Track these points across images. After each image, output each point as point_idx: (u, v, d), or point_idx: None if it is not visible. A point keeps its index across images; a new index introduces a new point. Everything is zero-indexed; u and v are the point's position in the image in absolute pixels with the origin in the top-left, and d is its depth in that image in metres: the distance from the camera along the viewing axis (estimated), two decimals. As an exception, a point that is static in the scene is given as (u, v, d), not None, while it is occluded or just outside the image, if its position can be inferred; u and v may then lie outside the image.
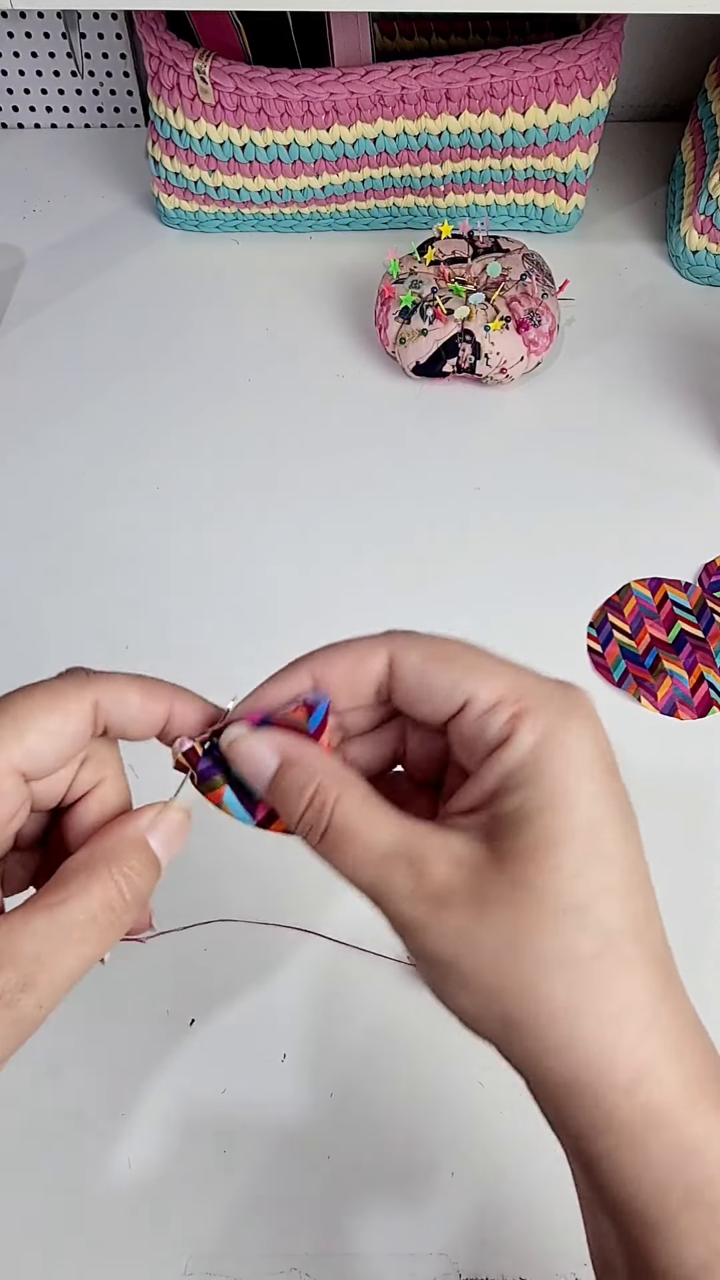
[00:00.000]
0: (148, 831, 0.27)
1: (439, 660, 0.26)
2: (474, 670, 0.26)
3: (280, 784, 0.26)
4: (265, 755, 0.27)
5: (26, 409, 0.66)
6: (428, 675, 0.26)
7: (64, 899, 0.25)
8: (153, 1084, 0.43)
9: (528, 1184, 0.41)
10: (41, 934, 0.25)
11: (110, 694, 0.27)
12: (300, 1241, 0.40)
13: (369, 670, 0.27)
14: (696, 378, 0.67)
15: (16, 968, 0.24)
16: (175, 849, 0.28)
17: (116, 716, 0.27)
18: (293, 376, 0.67)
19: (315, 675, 0.27)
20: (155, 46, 0.64)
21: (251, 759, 0.27)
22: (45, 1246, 0.40)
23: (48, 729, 0.26)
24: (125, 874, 0.26)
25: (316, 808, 0.25)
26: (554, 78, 0.63)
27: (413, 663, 0.26)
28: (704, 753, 0.52)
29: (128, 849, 0.27)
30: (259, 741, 0.27)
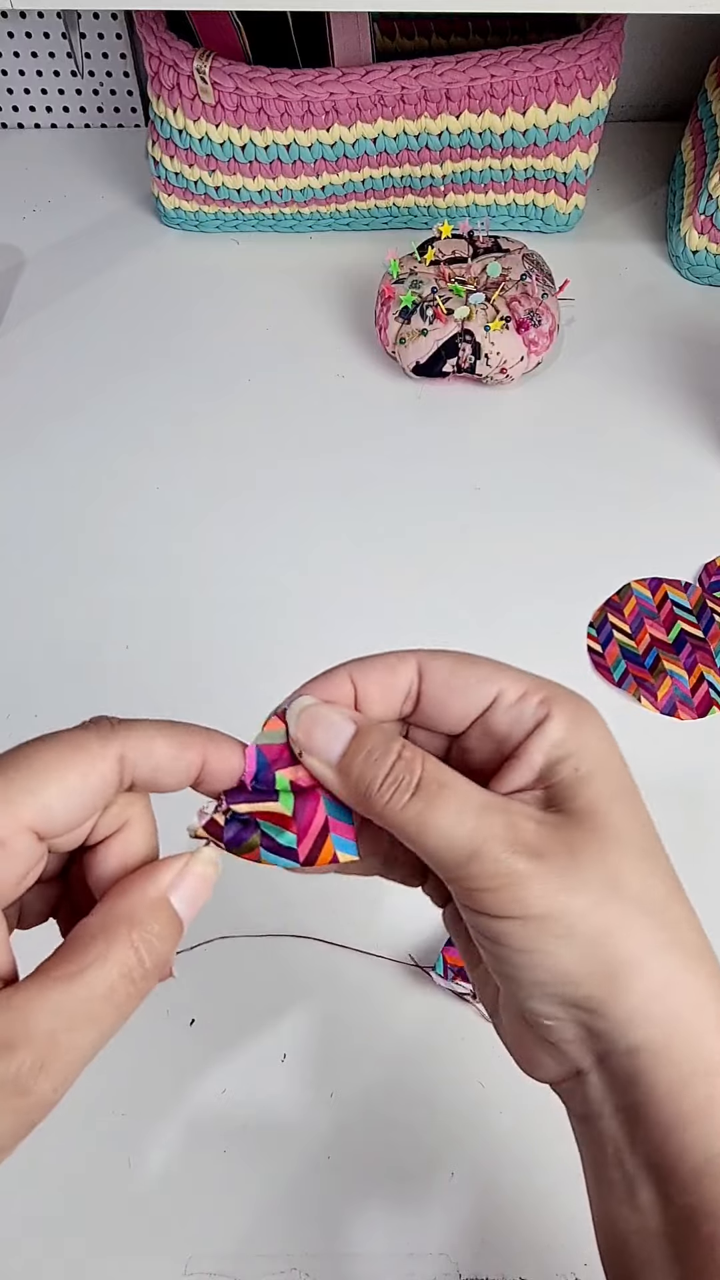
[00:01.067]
0: (170, 890, 0.25)
1: (466, 663, 0.27)
2: (499, 670, 0.27)
3: (363, 745, 0.26)
4: (341, 721, 0.26)
5: (26, 409, 0.66)
6: (457, 677, 0.27)
7: (80, 970, 0.24)
8: (153, 1084, 0.43)
9: (528, 1184, 0.41)
10: (55, 1010, 0.23)
11: (137, 747, 0.25)
12: (300, 1241, 0.40)
13: (402, 677, 0.27)
14: (696, 378, 0.67)
15: (31, 1049, 0.22)
16: (200, 901, 0.26)
17: (145, 770, 0.26)
18: (293, 376, 0.67)
19: (354, 679, 0.27)
20: (155, 46, 0.64)
21: (328, 724, 0.26)
22: (45, 1246, 0.40)
23: (66, 785, 0.24)
24: (145, 939, 0.24)
25: (406, 761, 0.25)
26: (554, 78, 0.63)
27: (441, 666, 0.27)
28: (704, 753, 0.52)
29: (148, 911, 0.25)
30: (331, 709, 0.27)
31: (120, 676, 0.54)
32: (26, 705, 0.53)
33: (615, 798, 0.26)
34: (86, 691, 0.53)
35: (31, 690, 0.53)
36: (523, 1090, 0.42)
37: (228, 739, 0.27)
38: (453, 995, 0.44)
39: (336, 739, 0.26)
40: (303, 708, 0.27)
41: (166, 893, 0.25)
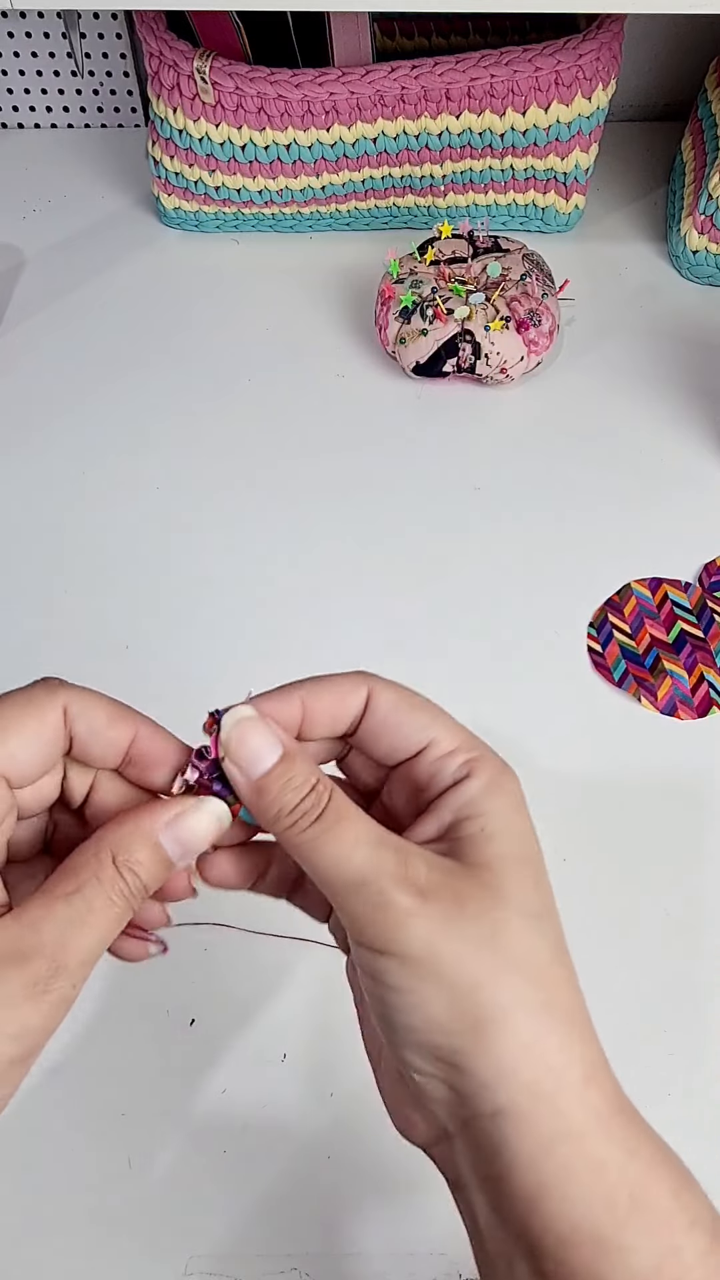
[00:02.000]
0: (162, 831, 0.27)
1: (409, 704, 0.29)
2: (437, 720, 0.28)
3: (283, 773, 0.27)
4: (270, 743, 0.27)
5: (26, 409, 0.66)
6: (399, 714, 0.28)
7: (78, 888, 0.26)
8: (153, 1084, 0.43)
9: (528, 1184, 0.41)
10: (63, 919, 0.25)
11: (79, 702, 0.28)
12: (300, 1241, 0.40)
13: (351, 703, 0.29)
14: (696, 378, 0.67)
15: (44, 955, 0.25)
16: (194, 846, 0.28)
17: (83, 728, 0.28)
18: (293, 376, 0.67)
19: (305, 702, 0.29)
20: (155, 46, 0.64)
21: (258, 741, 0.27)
22: (46, 1246, 0.40)
23: (25, 734, 0.27)
24: (131, 868, 0.26)
25: (318, 792, 0.26)
26: (554, 78, 0.63)
27: (388, 701, 0.29)
28: (704, 753, 0.52)
29: (135, 841, 0.27)
30: (267, 728, 0.27)
31: (120, 676, 0.54)
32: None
33: (514, 860, 0.26)
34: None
35: (31, 690, 0.53)
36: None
37: (161, 728, 0.29)
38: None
39: (262, 758, 0.27)
40: (241, 717, 0.28)
41: (157, 831, 0.27)
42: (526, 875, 0.26)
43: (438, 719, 0.29)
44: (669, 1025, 0.44)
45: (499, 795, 0.27)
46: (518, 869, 0.26)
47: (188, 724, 0.30)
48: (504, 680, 0.54)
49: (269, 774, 0.27)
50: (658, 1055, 0.44)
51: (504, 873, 0.26)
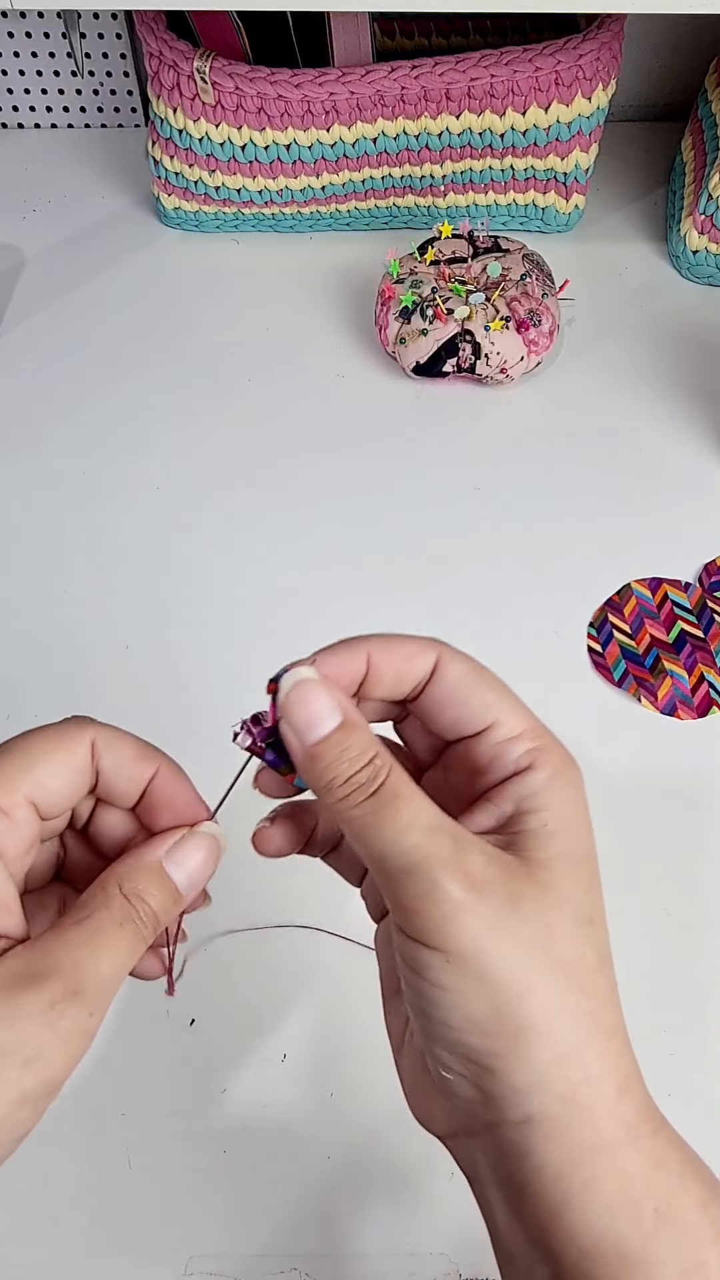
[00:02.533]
0: (166, 859, 0.28)
1: (478, 679, 0.27)
2: (503, 700, 0.27)
3: (340, 741, 0.25)
4: (330, 708, 0.26)
5: (26, 409, 0.66)
6: (466, 689, 0.27)
7: (89, 914, 0.26)
8: (153, 1084, 0.43)
9: (528, 1184, 0.41)
10: (76, 943, 0.25)
11: (107, 738, 0.28)
12: (300, 1241, 0.40)
13: (418, 665, 0.28)
14: (696, 378, 0.67)
15: (59, 978, 0.24)
16: (200, 872, 0.28)
17: (109, 763, 0.28)
18: (293, 376, 0.67)
19: (371, 657, 0.27)
20: (155, 46, 0.64)
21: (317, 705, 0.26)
22: (46, 1246, 0.40)
23: (54, 763, 0.27)
24: (136, 892, 0.27)
25: (375, 765, 0.25)
26: (554, 78, 0.63)
27: (457, 672, 0.27)
28: (704, 753, 0.52)
29: (140, 874, 0.27)
30: (328, 692, 0.26)
31: (120, 677, 0.54)
32: (26, 705, 0.53)
33: (573, 862, 0.26)
34: (86, 691, 0.53)
35: (31, 690, 0.53)
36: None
37: (180, 770, 0.29)
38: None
39: (321, 723, 0.25)
40: (301, 679, 0.26)
41: (161, 859, 0.28)
42: (583, 877, 0.26)
43: (505, 699, 0.27)
44: (669, 1025, 0.44)
45: (564, 790, 0.26)
46: (575, 870, 0.25)
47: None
48: (504, 680, 0.54)
49: (325, 740, 0.25)
50: (658, 1055, 0.43)
51: (562, 873, 0.25)
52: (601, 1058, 0.24)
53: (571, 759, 0.27)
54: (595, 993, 0.25)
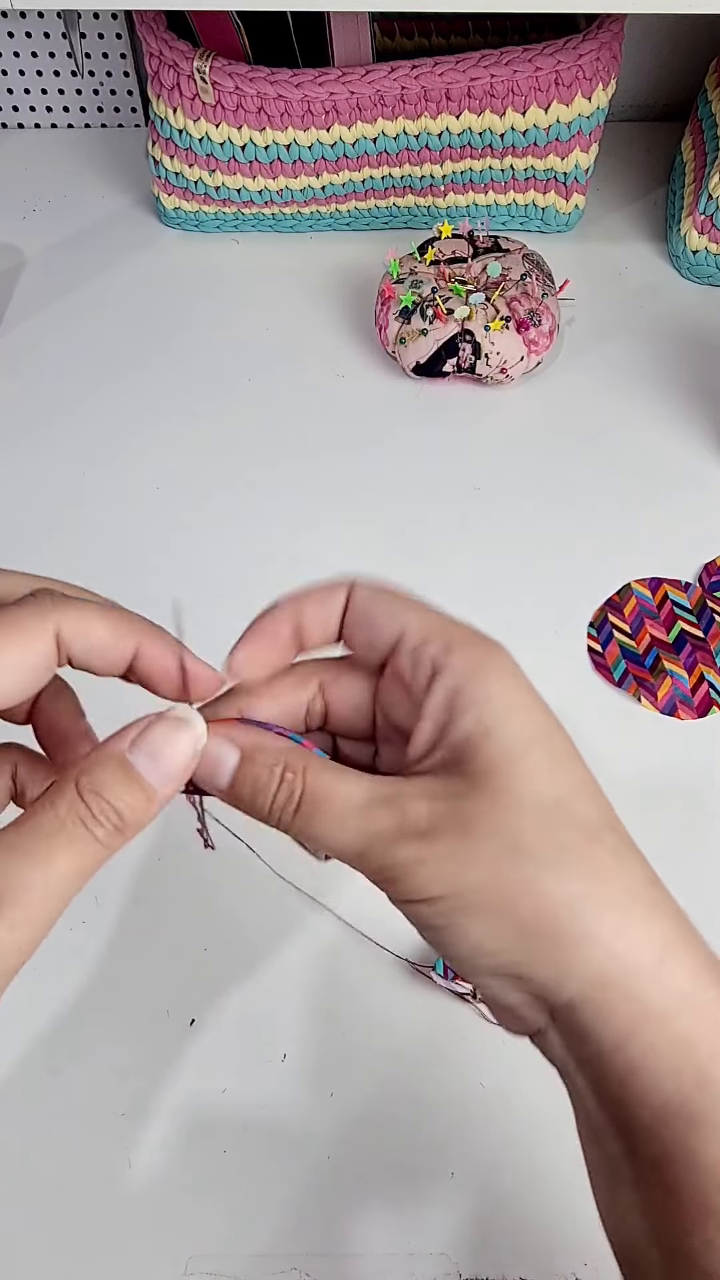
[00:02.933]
0: (131, 750, 0.25)
1: (385, 596, 0.28)
2: (412, 607, 0.27)
3: (248, 773, 0.25)
4: (223, 750, 0.26)
5: (26, 409, 0.66)
6: (373, 606, 0.27)
7: (29, 816, 0.24)
8: (153, 1084, 0.43)
9: (528, 1184, 0.41)
10: (3, 846, 0.23)
11: (74, 625, 0.26)
12: (300, 1241, 0.40)
13: (334, 605, 0.28)
14: (696, 378, 0.67)
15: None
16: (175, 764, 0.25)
17: (79, 650, 0.26)
18: (293, 376, 0.67)
19: (294, 615, 0.28)
20: (155, 46, 0.64)
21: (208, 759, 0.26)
22: (46, 1246, 0.40)
23: (6, 659, 0.24)
24: (91, 784, 0.24)
25: (289, 782, 0.25)
26: (554, 78, 0.63)
27: (364, 595, 0.28)
28: (704, 753, 0.52)
29: (100, 767, 0.24)
30: (214, 741, 0.26)
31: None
32: (26, 705, 0.53)
33: (520, 750, 0.24)
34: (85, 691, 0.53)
35: (31, 690, 0.53)
36: (523, 1090, 0.43)
37: (164, 635, 0.28)
38: (453, 995, 0.44)
39: (222, 768, 0.26)
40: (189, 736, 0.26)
41: (124, 750, 0.24)
42: (537, 760, 0.24)
43: (409, 608, 0.27)
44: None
45: (487, 678, 0.25)
46: (525, 759, 0.24)
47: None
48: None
49: (234, 780, 0.26)
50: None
51: (510, 770, 0.24)
52: (624, 930, 0.24)
53: (491, 644, 0.26)
54: (592, 867, 0.24)
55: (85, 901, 0.47)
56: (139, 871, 0.48)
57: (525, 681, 0.26)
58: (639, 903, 0.24)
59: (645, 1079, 0.23)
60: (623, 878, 0.24)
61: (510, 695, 0.25)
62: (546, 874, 0.23)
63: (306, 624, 0.28)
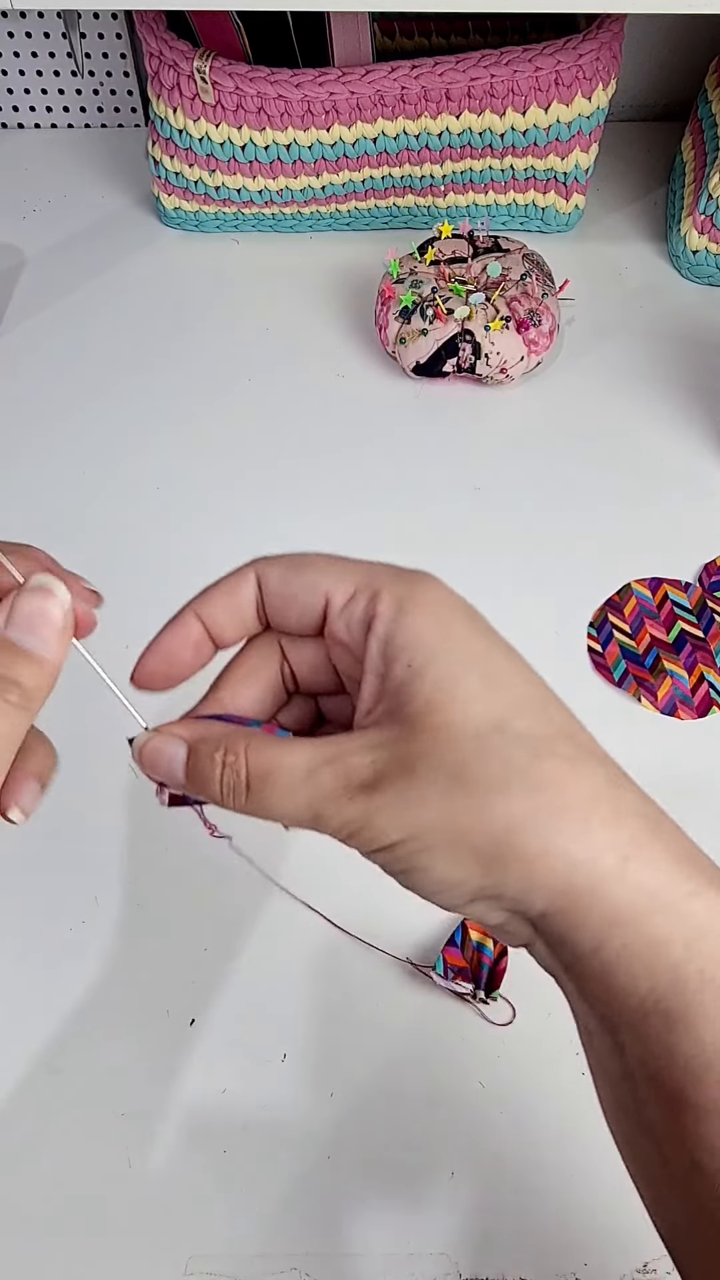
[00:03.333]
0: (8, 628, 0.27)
1: (297, 569, 0.28)
2: (328, 570, 0.27)
3: (195, 764, 0.26)
4: (173, 748, 0.27)
5: (26, 409, 0.66)
6: (289, 584, 0.28)
7: None
8: (153, 1084, 0.43)
9: (528, 1184, 0.41)
10: None
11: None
12: (300, 1241, 0.40)
13: (243, 595, 0.28)
14: (696, 378, 0.67)
15: None
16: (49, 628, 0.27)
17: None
18: (293, 376, 0.67)
19: (199, 614, 0.28)
20: (155, 46, 0.64)
21: (162, 757, 0.27)
22: (46, 1246, 0.40)
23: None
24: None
25: (232, 764, 0.26)
26: (554, 78, 0.63)
27: (275, 576, 0.28)
28: (704, 753, 0.52)
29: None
30: (162, 740, 0.27)
31: (119, 677, 0.54)
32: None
33: (452, 682, 0.25)
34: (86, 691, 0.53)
35: (31, 690, 0.53)
36: (523, 1090, 0.43)
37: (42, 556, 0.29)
38: (453, 995, 0.44)
39: (175, 764, 0.27)
40: (140, 745, 0.28)
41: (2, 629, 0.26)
42: (472, 688, 0.25)
43: (326, 570, 0.27)
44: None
45: (414, 616, 0.26)
46: (458, 688, 0.25)
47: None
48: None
49: (188, 773, 0.27)
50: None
51: (445, 704, 0.25)
52: (581, 838, 0.24)
53: (416, 579, 0.27)
54: (542, 783, 0.24)
55: (85, 901, 0.47)
56: (139, 872, 0.48)
57: (456, 610, 0.26)
58: (600, 806, 0.24)
59: (622, 980, 0.24)
60: (579, 785, 0.24)
61: (439, 629, 0.26)
62: (494, 798, 0.24)
63: (218, 622, 0.28)
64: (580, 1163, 0.31)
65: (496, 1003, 0.44)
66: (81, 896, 0.47)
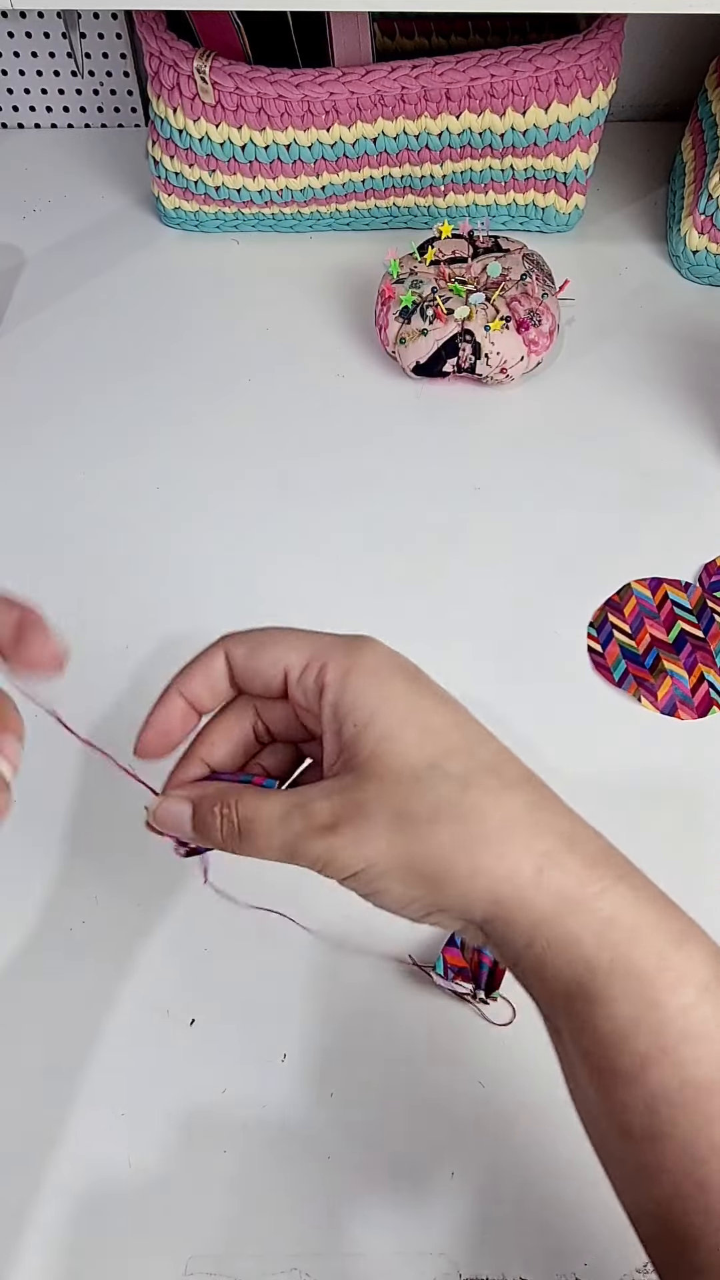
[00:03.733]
0: None
1: (259, 646, 0.32)
2: (285, 646, 0.32)
3: (199, 819, 0.32)
4: (180, 808, 0.32)
5: (27, 409, 0.66)
6: (252, 661, 0.32)
7: None
8: (153, 1084, 0.43)
9: (528, 1184, 0.41)
10: None
11: None
12: (300, 1241, 0.40)
13: (215, 671, 0.33)
14: (696, 378, 0.67)
15: None
16: None
17: None
18: (293, 376, 0.67)
19: (182, 692, 0.33)
20: (155, 46, 0.64)
21: (171, 817, 0.32)
22: (46, 1246, 0.40)
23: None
24: None
25: (226, 815, 0.31)
26: (554, 78, 0.63)
27: (240, 654, 0.33)
28: (704, 753, 0.52)
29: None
30: (170, 802, 0.33)
31: (119, 676, 0.54)
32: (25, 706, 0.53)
33: (392, 735, 0.29)
34: (87, 691, 0.53)
35: (31, 690, 0.53)
36: (523, 1089, 0.43)
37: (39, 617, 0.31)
38: (453, 995, 0.44)
39: (183, 822, 0.32)
40: (153, 809, 0.33)
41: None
42: (409, 738, 0.29)
43: (286, 645, 0.32)
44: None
45: (357, 680, 0.30)
46: (398, 740, 0.29)
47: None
48: (503, 680, 0.54)
49: (194, 827, 0.32)
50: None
51: (387, 753, 0.29)
52: (503, 857, 0.28)
53: (356, 646, 0.31)
54: (467, 814, 0.28)
55: (85, 901, 0.47)
56: (139, 872, 0.48)
57: (394, 671, 0.31)
58: (518, 829, 0.29)
59: (551, 971, 0.28)
60: (500, 811, 0.29)
61: (378, 689, 0.30)
62: (430, 829, 0.28)
63: (197, 695, 0.33)
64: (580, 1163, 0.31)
65: (496, 1003, 0.44)
66: (81, 896, 0.47)
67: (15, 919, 0.47)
